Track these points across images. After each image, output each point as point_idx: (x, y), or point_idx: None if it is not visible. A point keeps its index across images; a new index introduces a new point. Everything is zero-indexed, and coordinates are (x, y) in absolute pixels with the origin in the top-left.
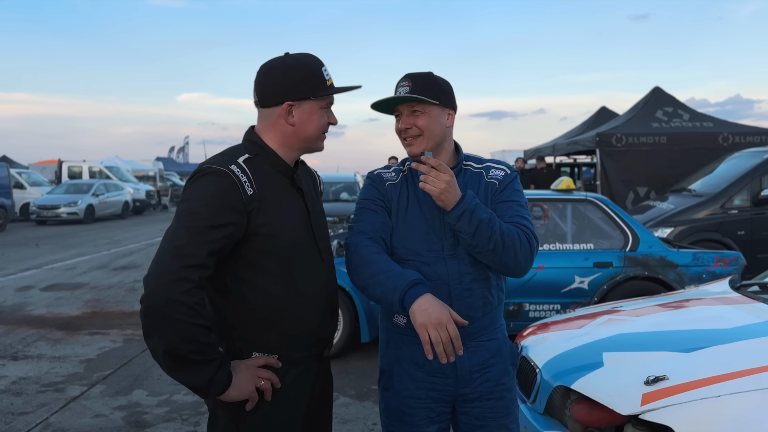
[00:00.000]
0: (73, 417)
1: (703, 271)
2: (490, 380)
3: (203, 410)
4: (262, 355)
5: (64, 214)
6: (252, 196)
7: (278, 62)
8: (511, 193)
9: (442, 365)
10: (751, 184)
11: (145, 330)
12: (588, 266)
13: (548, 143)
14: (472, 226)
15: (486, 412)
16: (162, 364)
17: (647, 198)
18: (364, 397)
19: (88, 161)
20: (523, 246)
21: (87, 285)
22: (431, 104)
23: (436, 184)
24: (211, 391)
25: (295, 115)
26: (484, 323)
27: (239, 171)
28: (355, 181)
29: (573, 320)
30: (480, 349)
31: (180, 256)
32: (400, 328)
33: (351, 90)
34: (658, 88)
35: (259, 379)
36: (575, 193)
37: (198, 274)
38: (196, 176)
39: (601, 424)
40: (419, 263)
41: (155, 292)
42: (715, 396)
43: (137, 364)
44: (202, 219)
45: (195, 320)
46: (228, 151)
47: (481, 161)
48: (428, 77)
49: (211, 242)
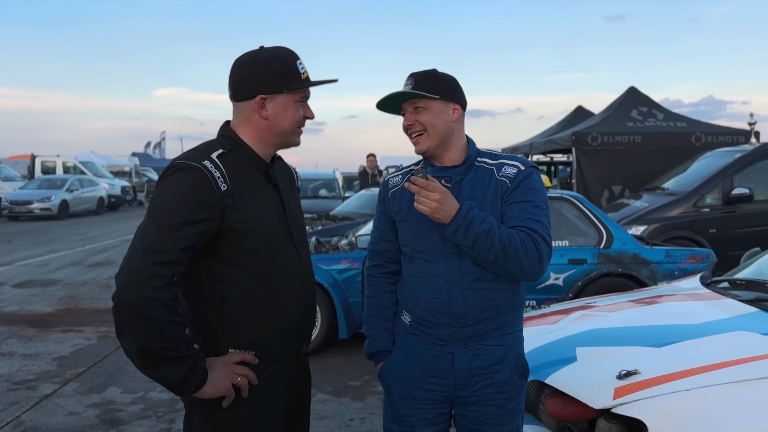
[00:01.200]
0: (46, 415)
1: (675, 268)
2: (491, 386)
3: (179, 407)
4: (239, 351)
5: (37, 209)
6: (226, 192)
7: (252, 55)
8: (524, 192)
9: (441, 364)
10: (722, 183)
11: (118, 327)
12: (563, 263)
13: (525, 142)
14: (469, 240)
15: (483, 418)
16: (135, 361)
17: (622, 196)
18: (342, 394)
19: (62, 156)
20: (529, 254)
21: (60, 282)
22: (433, 99)
23: (427, 204)
24: (186, 389)
25: (269, 108)
26: (489, 326)
27: (213, 166)
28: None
29: (548, 316)
30: (484, 352)
31: (152, 253)
32: (406, 327)
33: (326, 83)
34: (634, 88)
35: (236, 376)
36: (551, 191)
37: (170, 270)
38: (168, 172)
39: (575, 417)
40: (422, 261)
41: (127, 289)
42: (685, 390)
43: (111, 361)
44: (174, 215)
45: (168, 317)
46: (202, 147)
47: (497, 157)
48: (430, 74)
49: (183, 238)
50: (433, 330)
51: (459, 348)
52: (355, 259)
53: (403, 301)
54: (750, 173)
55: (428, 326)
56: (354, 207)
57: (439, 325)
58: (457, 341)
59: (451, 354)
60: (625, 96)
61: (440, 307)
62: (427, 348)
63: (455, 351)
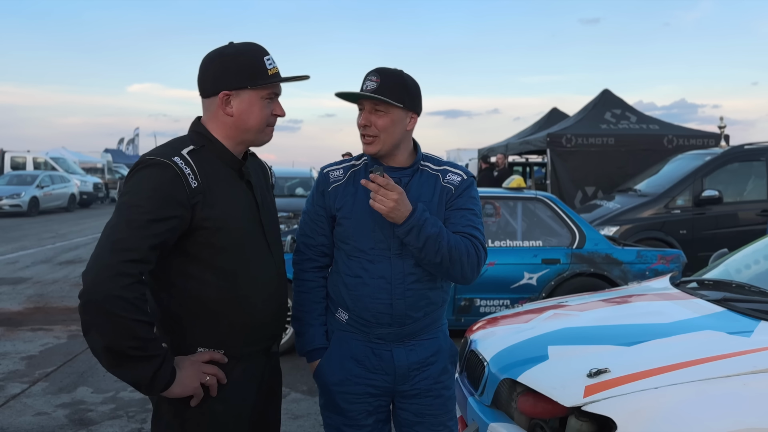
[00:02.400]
0: (14, 415)
1: (646, 268)
2: (428, 378)
3: (150, 407)
4: (208, 350)
5: (7, 206)
6: (196, 188)
7: (218, 51)
8: (466, 200)
9: (382, 362)
10: (693, 185)
11: (84, 326)
12: (537, 263)
13: (501, 143)
14: (420, 241)
15: (424, 409)
16: (102, 360)
17: (595, 197)
18: (316, 393)
19: (32, 152)
20: (470, 258)
21: (30, 280)
22: (395, 106)
23: (384, 203)
24: (153, 388)
25: (234, 105)
26: (424, 323)
27: (183, 163)
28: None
29: (521, 315)
30: (419, 347)
31: (120, 251)
32: (341, 324)
33: (295, 80)
34: (607, 91)
35: (204, 375)
36: (526, 191)
37: (138, 268)
38: (137, 168)
39: (546, 415)
40: (364, 261)
41: (94, 288)
42: (653, 387)
43: (82, 360)
44: (143, 212)
45: (135, 316)
46: (172, 143)
47: (440, 163)
48: (398, 77)
49: (152, 236)
50: (372, 329)
51: (396, 345)
52: None
53: (337, 299)
54: (720, 176)
55: (367, 325)
56: None
57: (378, 325)
58: (394, 339)
59: (390, 351)
60: (599, 98)
61: (381, 308)
62: (365, 345)
63: (393, 348)
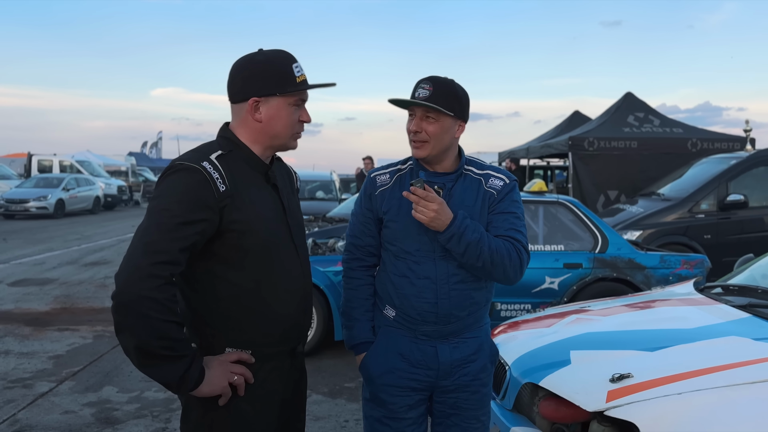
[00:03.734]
0: (42, 413)
1: (669, 273)
2: (468, 374)
3: (174, 407)
4: (235, 350)
5: (33, 208)
6: (224, 192)
7: (248, 58)
8: (509, 204)
9: (426, 358)
10: (717, 190)
11: (117, 326)
12: (558, 267)
13: (522, 146)
14: (461, 247)
15: (460, 402)
16: (133, 360)
17: (617, 201)
18: (337, 395)
19: (58, 155)
20: (512, 261)
21: (56, 280)
22: (445, 114)
23: (425, 213)
24: (182, 387)
25: (263, 111)
26: (468, 321)
27: (211, 167)
28: (331, 180)
29: (542, 319)
30: (462, 345)
31: (151, 253)
32: (389, 320)
33: (322, 87)
34: (630, 94)
35: (232, 375)
36: (547, 195)
37: (169, 270)
38: (167, 173)
39: (568, 420)
40: (410, 261)
41: (126, 289)
42: (677, 393)
43: (107, 360)
44: (173, 216)
45: (166, 316)
46: (201, 148)
47: (482, 167)
48: (449, 85)
49: (182, 239)
50: (417, 326)
51: (441, 342)
52: None
53: (385, 297)
54: (745, 180)
55: (413, 322)
56: (351, 209)
57: (424, 322)
58: (439, 337)
59: (434, 348)
60: (622, 101)
61: (426, 306)
62: (411, 342)
63: (438, 345)
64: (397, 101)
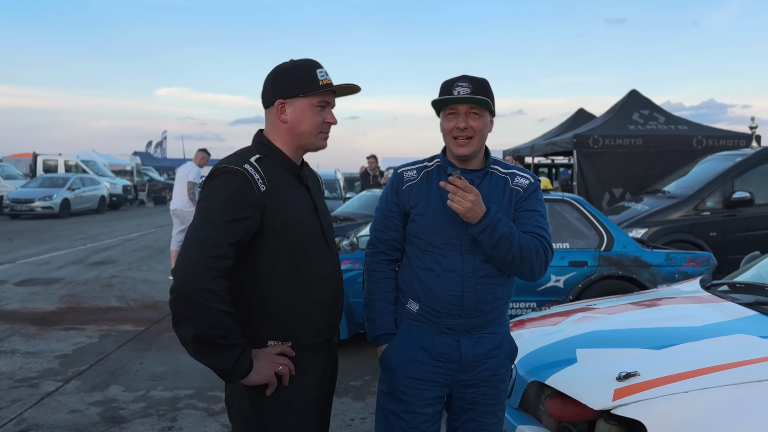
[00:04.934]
0: (48, 412)
1: (675, 271)
2: (488, 369)
3: (180, 406)
4: (278, 343)
5: (39, 208)
6: (265, 192)
7: (278, 67)
8: (534, 202)
9: (448, 351)
10: (723, 187)
11: (175, 319)
12: (564, 265)
13: (527, 144)
14: (493, 240)
15: (478, 398)
16: (190, 349)
17: (623, 199)
18: (343, 394)
19: (63, 155)
20: (539, 257)
21: (62, 280)
22: (487, 110)
23: (462, 204)
24: (234, 375)
25: (288, 112)
26: (491, 316)
27: (252, 169)
28: (336, 179)
29: (548, 317)
30: (484, 339)
31: (205, 248)
32: (411, 314)
33: (346, 92)
34: (635, 91)
35: (277, 365)
36: (552, 193)
37: (222, 263)
38: (213, 176)
39: (574, 418)
40: (437, 255)
41: (184, 281)
42: (684, 391)
43: (113, 359)
44: (221, 214)
45: (221, 307)
46: (241, 152)
47: (507, 167)
48: (485, 83)
49: (230, 234)
50: (442, 320)
51: (464, 336)
52: (357, 259)
53: (409, 291)
54: (751, 177)
55: (437, 315)
56: (355, 208)
57: (448, 315)
58: (463, 330)
59: (457, 341)
60: (627, 99)
61: (452, 299)
62: (434, 335)
63: (461, 339)
64: (443, 100)
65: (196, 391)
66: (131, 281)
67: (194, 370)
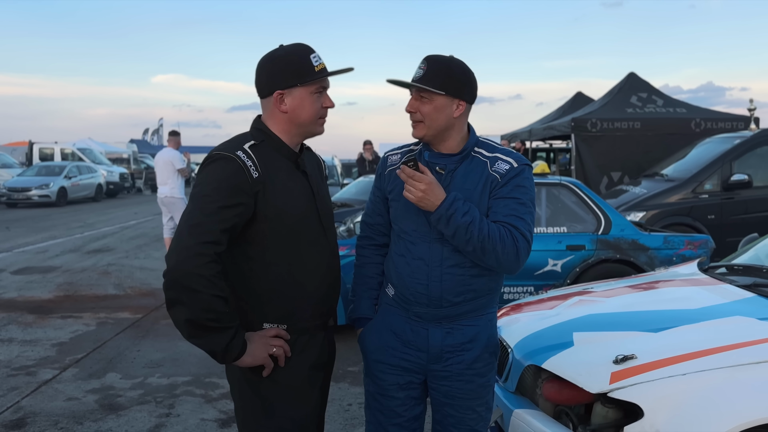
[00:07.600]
0: (45, 400)
1: (673, 254)
2: (461, 363)
3: (177, 392)
4: (273, 326)
5: (36, 196)
6: (257, 179)
7: (270, 55)
8: (512, 189)
9: (417, 339)
10: (721, 170)
11: (169, 302)
12: (561, 249)
13: (525, 128)
14: (450, 230)
15: (454, 392)
16: (183, 331)
17: (621, 182)
18: (340, 379)
19: (60, 143)
20: (506, 248)
21: (59, 268)
22: (438, 94)
23: (413, 193)
24: (227, 357)
25: (287, 102)
26: (464, 308)
27: (245, 156)
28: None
29: (545, 301)
30: (456, 332)
31: (197, 234)
32: (388, 299)
33: (340, 73)
34: (633, 74)
35: (272, 347)
36: (550, 177)
37: (213, 249)
38: (206, 162)
39: (571, 402)
40: (407, 242)
41: (177, 266)
42: (681, 374)
43: (110, 347)
44: (213, 200)
45: (213, 291)
46: (235, 138)
47: (493, 150)
48: (444, 64)
49: (223, 221)
50: (411, 306)
51: (434, 326)
52: (353, 245)
53: (388, 275)
54: (749, 159)
55: (407, 302)
56: (352, 194)
57: (416, 303)
58: (432, 320)
59: (426, 330)
60: (625, 82)
61: (419, 288)
62: (404, 321)
63: (430, 328)
64: (393, 82)
65: (193, 378)
66: (128, 269)
67: (191, 357)
